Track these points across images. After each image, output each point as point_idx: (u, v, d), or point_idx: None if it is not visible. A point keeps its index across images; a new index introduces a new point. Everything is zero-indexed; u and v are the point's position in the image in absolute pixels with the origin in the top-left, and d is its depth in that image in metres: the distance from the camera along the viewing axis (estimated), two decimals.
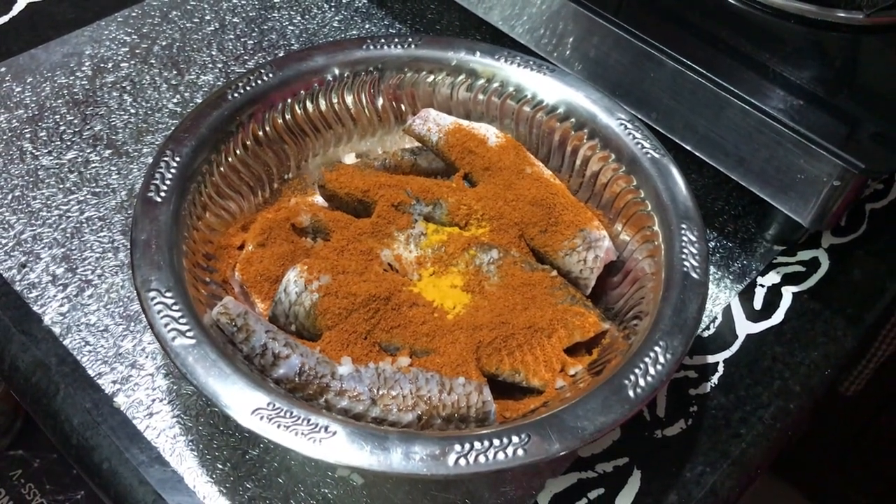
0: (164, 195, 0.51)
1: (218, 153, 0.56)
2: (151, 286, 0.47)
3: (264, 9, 0.80)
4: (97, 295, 0.58)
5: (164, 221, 0.50)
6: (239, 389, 0.43)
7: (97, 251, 0.60)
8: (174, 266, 0.48)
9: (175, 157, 0.53)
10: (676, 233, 0.53)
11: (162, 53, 0.75)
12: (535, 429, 0.43)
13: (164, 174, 0.52)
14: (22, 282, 0.58)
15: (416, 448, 0.42)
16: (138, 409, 0.53)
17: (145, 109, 0.70)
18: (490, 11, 0.72)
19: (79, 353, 0.55)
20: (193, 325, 0.45)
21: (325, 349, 0.49)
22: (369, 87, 0.62)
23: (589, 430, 0.44)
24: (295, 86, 0.60)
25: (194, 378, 0.44)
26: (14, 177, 0.64)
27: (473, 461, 0.42)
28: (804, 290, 0.64)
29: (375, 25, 0.79)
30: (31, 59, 0.73)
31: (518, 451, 0.42)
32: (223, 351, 0.45)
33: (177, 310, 0.46)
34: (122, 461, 0.51)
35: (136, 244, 0.48)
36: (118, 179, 0.65)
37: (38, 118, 0.68)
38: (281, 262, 0.54)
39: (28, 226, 0.61)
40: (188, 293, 0.47)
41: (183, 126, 0.55)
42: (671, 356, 0.47)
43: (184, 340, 0.45)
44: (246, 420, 0.42)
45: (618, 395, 0.45)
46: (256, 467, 0.51)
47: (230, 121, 0.57)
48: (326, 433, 0.42)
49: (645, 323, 0.50)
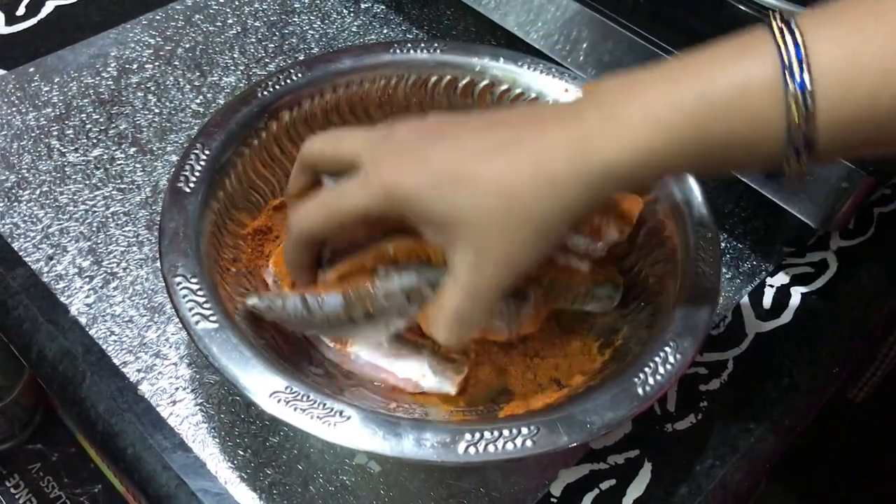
0: (193, 186, 0.52)
1: (247, 146, 0.57)
2: (178, 272, 0.48)
3: (285, 13, 0.82)
4: (122, 287, 0.60)
5: (192, 211, 0.51)
6: (258, 373, 0.45)
7: (122, 245, 0.62)
8: (200, 254, 0.49)
9: (205, 150, 0.54)
10: (691, 236, 0.55)
11: (185, 55, 0.77)
12: (544, 422, 0.44)
13: (194, 166, 0.53)
14: (50, 273, 0.60)
15: (427, 435, 0.43)
16: (162, 397, 0.54)
17: (169, 109, 0.72)
18: (505, 17, 0.74)
19: (104, 342, 0.57)
20: (217, 311, 0.47)
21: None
22: (395, 88, 0.64)
23: (597, 424, 0.45)
24: (323, 86, 0.61)
25: (215, 361, 0.45)
26: (42, 173, 0.66)
27: (483, 450, 0.43)
28: (813, 291, 0.65)
29: (393, 31, 0.81)
30: (58, 60, 0.75)
31: (527, 441, 0.43)
32: (245, 336, 0.46)
33: (201, 295, 0.47)
34: (146, 447, 0.52)
35: (165, 232, 0.50)
36: (142, 176, 0.67)
37: (66, 117, 0.70)
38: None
39: (55, 220, 0.63)
40: (213, 280, 0.49)
41: (213, 121, 0.56)
42: (681, 357, 0.48)
43: (207, 325, 0.46)
44: (264, 402, 0.43)
45: (627, 392, 0.46)
46: (276, 454, 0.52)
47: (259, 117, 0.58)
48: (341, 417, 0.43)
49: (657, 323, 0.51)
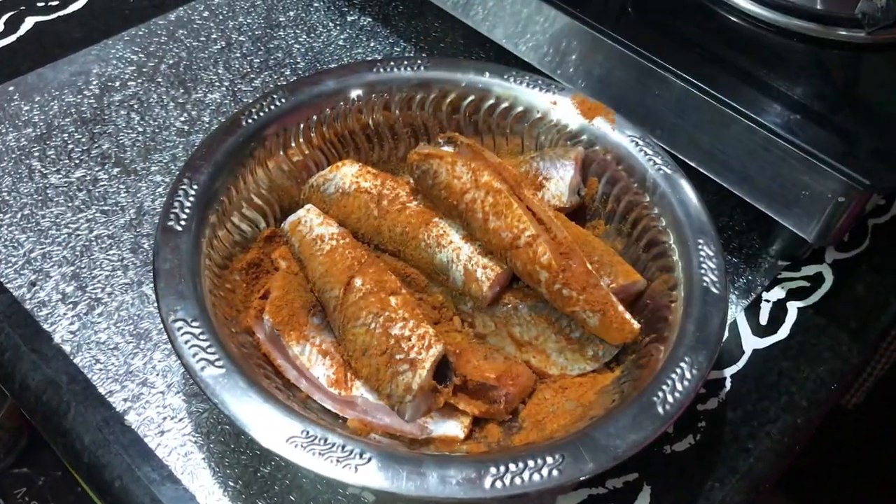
0: (185, 223, 0.51)
1: (235, 177, 0.56)
2: (178, 316, 0.46)
3: (270, 27, 0.81)
4: (107, 313, 0.58)
5: (185, 250, 0.50)
6: (271, 418, 0.43)
7: (107, 269, 0.61)
8: (199, 295, 0.48)
9: (193, 184, 0.53)
10: (693, 248, 0.54)
11: (169, 72, 0.75)
12: (568, 449, 0.44)
13: (183, 202, 0.52)
14: (32, 300, 0.58)
15: (451, 472, 0.42)
16: (149, 426, 0.53)
17: (153, 128, 0.70)
18: (494, 29, 0.73)
19: (89, 371, 0.55)
20: (222, 354, 0.46)
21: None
22: (381, 109, 0.63)
23: (621, 447, 0.44)
24: (307, 110, 0.60)
25: (226, 408, 0.43)
26: (23, 195, 0.65)
27: (510, 483, 0.42)
28: (809, 306, 0.64)
29: (381, 44, 0.80)
30: (38, 78, 0.73)
31: (553, 471, 0.43)
32: (253, 379, 0.45)
33: (204, 339, 0.46)
34: (134, 479, 0.51)
35: (160, 274, 0.48)
36: (126, 197, 0.65)
37: (47, 137, 0.69)
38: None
39: (37, 244, 0.62)
40: (213, 322, 0.47)
41: (199, 153, 0.55)
42: (697, 371, 0.48)
43: (213, 370, 0.45)
44: (281, 449, 0.42)
45: (647, 412, 0.46)
46: (268, 485, 0.51)
47: (245, 146, 0.57)
48: (361, 459, 0.42)
49: (668, 339, 0.51)
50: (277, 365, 0.51)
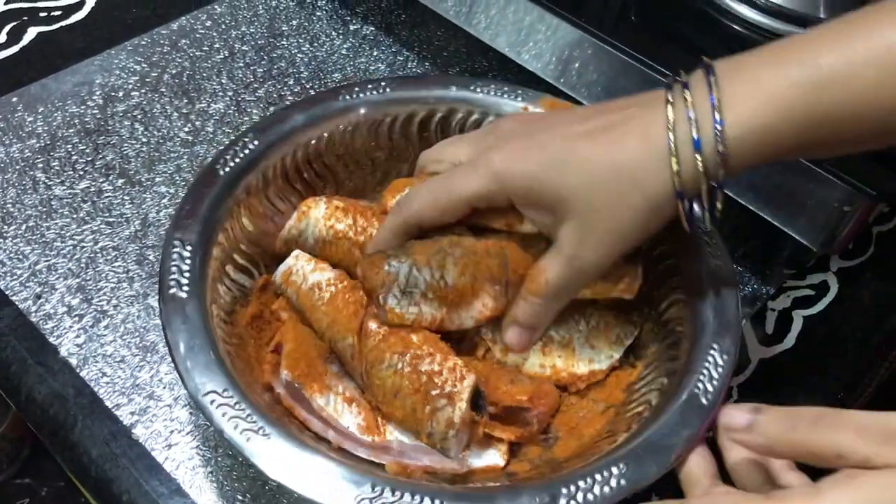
0: (187, 288, 0.49)
1: (224, 231, 0.54)
2: (208, 390, 0.45)
3: (273, 37, 0.81)
4: (113, 326, 0.58)
5: (194, 317, 0.47)
6: (338, 481, 0.42)
7: (112, 281, 0.61)
8: (220, 363, 0.46)
9: (186, 245, 0.51)
10: (694, 235, 0.54)
11: (172, 82, 0.75)
12: (627, 457, 0.44)
13: (181, 266, 0.50)
14: (37, 313, 0.58)
15: (524, 500, 0.42)
16: (157, 440, 0.53)
17: (157, 138, 0.70)
18: (496, 38, 0.73)
19: (96, 384, 0.55)
20: (263, 421, 0.44)
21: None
22: (352, 138, 0.61)
23: (679, 445, 0.44)
24: (281, 149, 0.58)
25: (285, 480, 0.42)
26: (27, 207, 0.64)
27: (583, 500, 0.42)
28: (814, 314, 0.64)
29: (383, 53, 0.80)
30: (42, 89, 0.73)
31: (621, 481, 0.42)
32: (301, 440, 0.44)
33: (240, 408, 0.44)
34: (142, 493, 0.51)
35: (177, 348, 0.46)
36: (131, 209, 0.65)
37: (51, 148, 0.69)
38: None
39: (42, 256, 0.61)
40: (243, 388, 0.46)
41: (183, 212, 0.53)
42: (728, 357, 0.48)
43: (259, 439, 0.43)
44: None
45: (692, 406, 0.46)
46: (276, 498, 0.51)
47: (227, 196, 0.55)
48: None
49: (687, 330, 0.51)
50: (303, 419, 0.49)
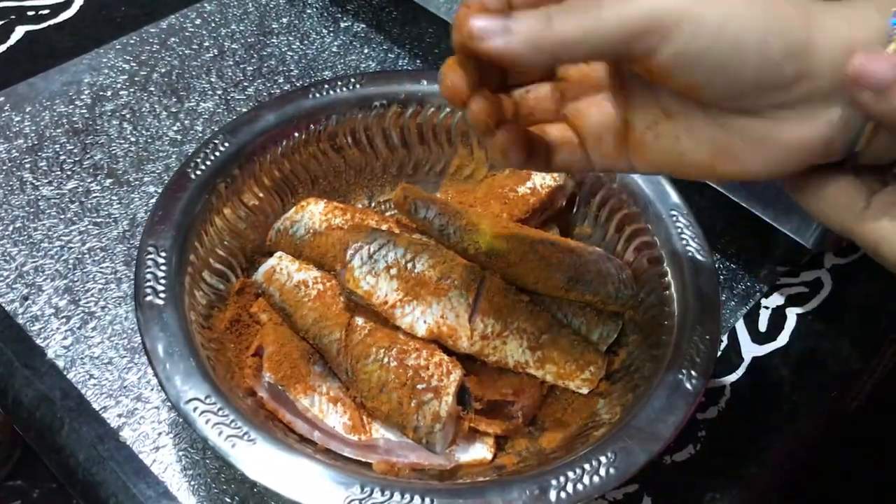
0: (164, 295, 0.48)
1: (197, 235, 0.53)
2: (189, 397, 0.44)
3: (263, 35, 0.80)
4: (100, 327, 0.58)
5: (172, 324, 0.47)
6: (326, 483, 0.42)
7: (100, 282, 0.60)
8: (203, 368, 0.46)
9: (160, 252, 0.50)
10: (669, 222, 0.54)
11: (161, 81, 0.75)
12: (614, 444, 0.44)
13: (155, 273, 0.49)
14: (24, 315, 0.58)
15: (514, 494, 0.42)
16: (144, 442, 0.52)
17: (145, 138, 0.70)
18: None
19: (83, 386, 0.55)
20: (248, 426, 0.43)
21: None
22: (326, 137, 0.60)
23: (665, 430, 0.44)
24: (252, 151, 0.57)
25: (273, 485, 0.41)
26: (15, 207, 0.64)
27: (573, 490, 0.42)
28: (808, 312, 0.64)
29: (374, 50, 0.79)
30: (29, 88, 0.73)
31: (609, 469, 0.42)
32: (287, 444, 0.44)
33: (224, 414, 0.43)
34: (130, 496, 0.50)
35: (155, 356, 0.45)
36: (119, 209, 0.65)
37: (38, 148, 0.68)
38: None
39: (30, 257, 0.61)
40: (226, 393, 0.45)
41: (155, 217, 0.52)
42: (709, 338, 0.48)
43: (245, 445, 0.42)
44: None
45: (677, 391, 0.46)
46: (264, 500, 0.50)
47: (199, 199, 0.54)
48: (425, 503, 0.41)
49: (668, 315, 0.51)
50: (287, 422, 0.49)
